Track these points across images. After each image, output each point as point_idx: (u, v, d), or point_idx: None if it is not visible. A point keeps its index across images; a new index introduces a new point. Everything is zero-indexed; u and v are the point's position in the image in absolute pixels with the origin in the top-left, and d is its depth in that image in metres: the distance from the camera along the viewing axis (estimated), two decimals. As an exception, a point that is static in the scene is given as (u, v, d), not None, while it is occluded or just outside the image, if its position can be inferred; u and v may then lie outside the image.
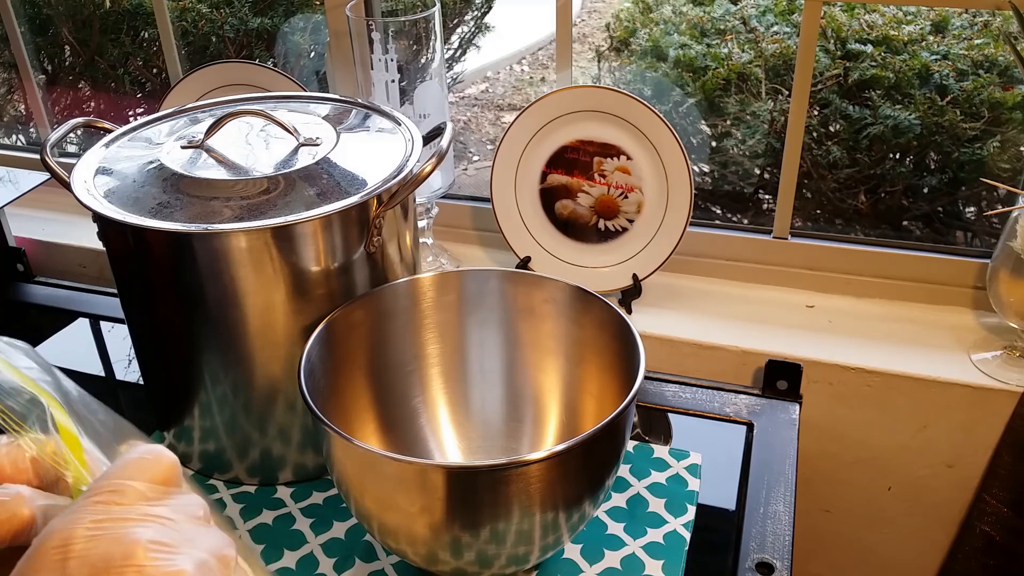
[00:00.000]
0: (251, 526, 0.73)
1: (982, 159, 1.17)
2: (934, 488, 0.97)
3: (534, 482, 0.57)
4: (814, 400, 0.93)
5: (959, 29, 1.25)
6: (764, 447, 0.81)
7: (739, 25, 1.34)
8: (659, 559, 0.69)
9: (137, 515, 0.33)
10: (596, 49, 1.71)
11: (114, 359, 0.98)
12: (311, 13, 1.61)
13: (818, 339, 0.97)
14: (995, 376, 0.90)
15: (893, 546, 1.03)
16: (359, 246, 0.69)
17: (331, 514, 0.74)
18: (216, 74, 1.11)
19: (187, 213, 0.65)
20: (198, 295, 0.68)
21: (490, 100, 3.16)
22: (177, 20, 1.51)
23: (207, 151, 0.72)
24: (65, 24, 1.64)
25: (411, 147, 0.72)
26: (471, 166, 2.71)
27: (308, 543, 0.71)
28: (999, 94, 1.15)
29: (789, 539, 0.71)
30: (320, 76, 1.62)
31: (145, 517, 0.33)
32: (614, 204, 1.02)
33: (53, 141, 0.74)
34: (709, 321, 1.01)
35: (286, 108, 0.80)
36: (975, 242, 1.30)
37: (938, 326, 0.98)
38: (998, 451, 0.92)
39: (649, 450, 0.80)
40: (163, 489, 0.35)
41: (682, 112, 1.34)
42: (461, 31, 2.18)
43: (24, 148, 1.62)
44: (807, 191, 1.30)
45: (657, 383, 0.90)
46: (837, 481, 1.01)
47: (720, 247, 1.06)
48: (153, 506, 0.34)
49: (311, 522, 0.73)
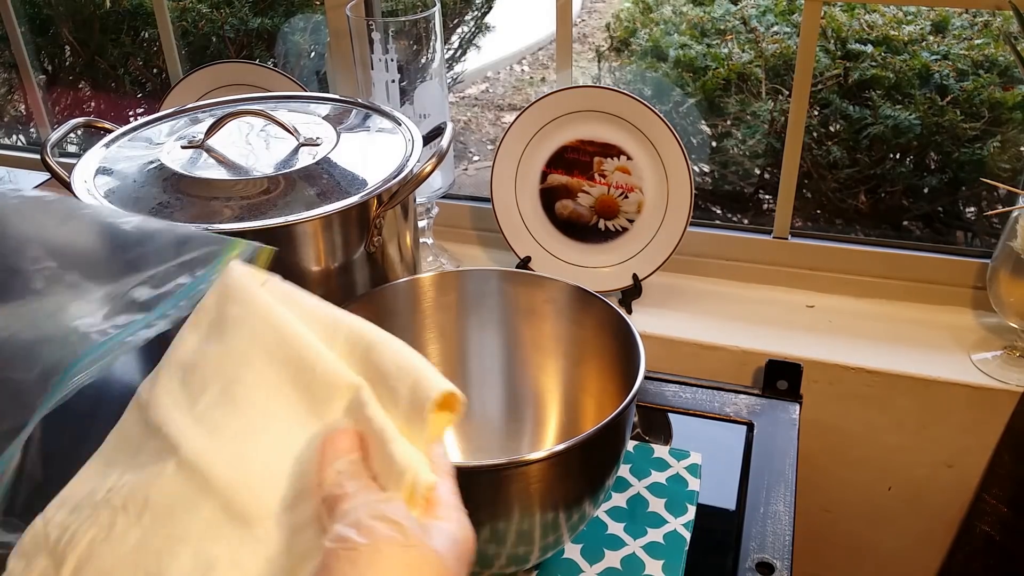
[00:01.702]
0: (251, 526, 0.73)
1: (982, 159, 1.17)
2: (934, 488, 0.97)
3: (534, 482, 0.57)
4: (814, 400, 0.93)
5: (959, 29, 1.25)
6: (764, 447, 0.81)
7: (739, 25, 1.34)
8: (659, 559, 0.69)
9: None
10: (596, 49, 1.71)
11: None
12: (311, 13, 1.61)
13: (818, 339, 0.97)
14: (995, 376, 0.90)
15: (893, 546, 1.03)
16: (359, 246, 0.69)
17: (331, 514, 0.74)
18: (216, 74, 1.11)
19: (187, 213, 0.65)
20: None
21: (490, 100, 3.16)
22: (177, 20, 1.52)
23: (207, 151, 0.72)
24: (65, 24, 1.64)
25: (411, 147, 0.72)
26: (471, 166, 2.71)
27: (308, 543, 0.71)
28: (999, 94, 1.15)
29: (789, 539, 0.71)
30: (320, 76, 1.62)
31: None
32: (614, 204, 1.02)
33: (53, 141, 0.74)
34: (709, 321, 1.01)
35: (286, 108, 0.80)
36: (975, 242, 1.30)
37: (938, 326, 0.98)
38: (998, 451, 0.92)
39: (649, 450, 0.80)
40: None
41: (682, 112, 1.34)
42: (461, 31, 2.17)
43: (24, 148, 1.62)
44: (807, 191, 1.30)
45: (657, 383, 0.90)
46: (837, 481, 1.01)
47: (720, 247, 1.06)
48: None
49: (311, 522, 0.73)
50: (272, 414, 0.43)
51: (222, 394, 0.44)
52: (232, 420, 0.43)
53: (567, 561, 0.69)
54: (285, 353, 0.44)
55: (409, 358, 0.42)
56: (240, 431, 0.42)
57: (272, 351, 0.44)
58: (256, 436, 0.42)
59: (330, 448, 0.39)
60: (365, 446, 0.40)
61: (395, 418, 0.40)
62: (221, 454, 0.42)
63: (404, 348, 0.43)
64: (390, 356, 0.42)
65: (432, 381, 0.40)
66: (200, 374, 0.45)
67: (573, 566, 0.68)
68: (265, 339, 0.44)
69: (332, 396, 0.42)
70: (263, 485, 0.41)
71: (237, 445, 0.42)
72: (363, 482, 0.37)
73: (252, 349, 0.44)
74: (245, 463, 0.41)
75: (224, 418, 0.43)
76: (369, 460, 0.39)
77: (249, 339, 0.45)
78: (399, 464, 0.38)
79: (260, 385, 0.43)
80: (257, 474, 0.41)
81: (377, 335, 0.44)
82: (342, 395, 0.42)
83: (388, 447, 0.39)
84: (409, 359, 0.42)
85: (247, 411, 0.43)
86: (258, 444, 0.42)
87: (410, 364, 0.42)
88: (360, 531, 0.34)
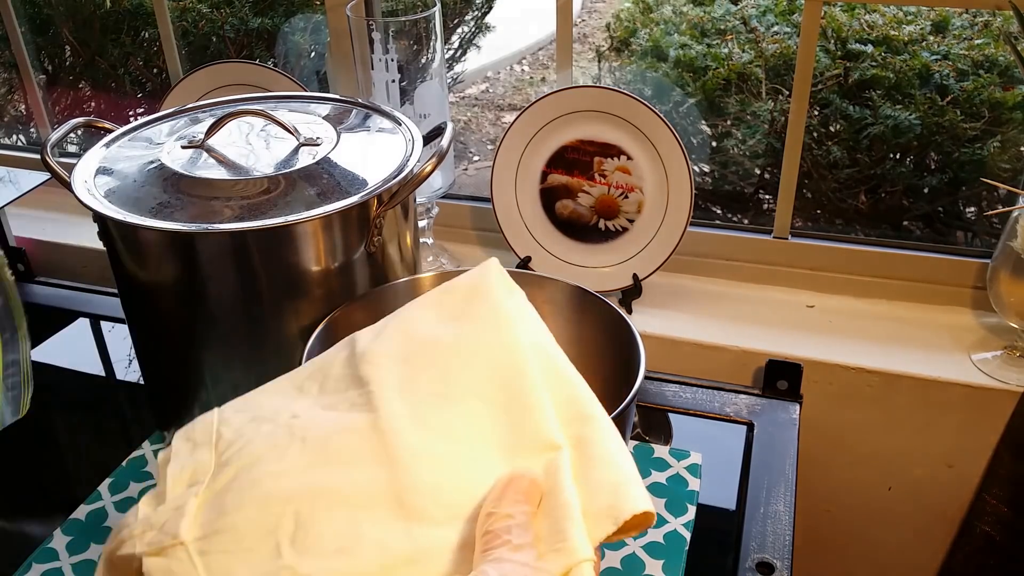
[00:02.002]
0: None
1: (982, 159, 1.17)
2: (934, 488, 0.97)
3: (534, 482, 0.57)
4: (814, 400, 0.93)
5: (959, 29, 1.25)
6: (764, 447, 0.81)
7: (739, 25, 1.34)
8: (659, 559, 0.69)
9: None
10: (596, 49, 1.71)
11: (114, 359, 0.98)
12: (311, 13, 1.61)
13: (818, 339, 0.97)
14: (995, 376, 0.90)
15: (893, 546, 1.03)
16: (359, 246, 0.69)
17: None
18: (216, 74, 1.11)
19: (187, 213, 0.65)
20: (198, 295, 0.68)
21: (490, 100, 3.16)
22: (177, 20, 1.52)
23: (207, 151, 0.72)
24: (65, 24, 1.64)
25: (411, 147, 0.72)
26: (471, 166, 2.71)
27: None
28: (999, 94, 1.15)
29: (789, 539, 0.71)
30: (320, 76, 1.62)
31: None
32: (614, 204, 1.02)
33: (53, 141, 0.74)
34: (709, 321, 1.01)
35: (286, 108, 0.80)
36: (975, 242, 1.30)
37: (938, 326, 0.98)
38: (998, 451, 0.92)
39: (649, 450, 0.80)
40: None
41: (682, 112, 1.34)
42: (461, 31, 2.18)
43: (24, 148, 1.62)
44: (807, 191, 1.30)
45: (657, 383, 0.90)
46: (837, 481, 1.01)
47: (720, 247, 1.06)
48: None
49: (311, 522, 0.73)
50: (476, 428, 0.42)
51: (438, 384, 0.44)
52: (436, 413, 0.43)
53: (567, 561, 0.69)
54: (509, 379, 0.44)
55: (622, 457, 0.41)
56: (439, 428, 0.42)
57: (497, 370, 0.44)
58: (453, 441, 0.42)
59: (513, 488, 0.39)
60: (541, 504, 0.39)
61: (583, 502, 0.39)
62: (415, 440, 0.42)
63: (618, 440, 0.43)
64: (603, 443, 0.42)
65: (637, 493, 0.39)
66: (425, 355, 0.46)
67: (573, 566, 0.68)
68: (497, 355, 0.45)
69: (534, 445, 0.42)
70: (439, 490, 0.40)
71: (433, 440, 0.42)
72: (528, 540, 0.37)
73: (481, 358, 0.45)
74: (433, 460, 0.41)
75: (430, 407, 0.43)
76: (538, 518, 0.39)
77: (483, 346, 0.45)
78: (570, 545, 0.37)
79: (476, 396, 0.44)
80: (438, 477, 0.41)
81: (597, 410, 0.44)
82: (544, 449, 0.41)
83: (566, 524, 0.38)
84: (622, 458, 0.41)
85: (455, 413, 0.43)
86: (452, 449, 0.42)
87: (622, 463, 0.41)
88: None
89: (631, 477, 0.40)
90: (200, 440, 0.45)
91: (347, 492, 0.40)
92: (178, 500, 0.42)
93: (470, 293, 0.48)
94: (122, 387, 0.93)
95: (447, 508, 0.40)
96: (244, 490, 0.41)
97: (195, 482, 0.42)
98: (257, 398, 0.47)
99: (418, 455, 0.41)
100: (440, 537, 0.39)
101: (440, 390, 0.44)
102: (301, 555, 0.38)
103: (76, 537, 0.71)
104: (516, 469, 0.40)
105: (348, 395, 0.45)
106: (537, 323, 0.48)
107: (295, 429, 0.43)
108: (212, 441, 0.44)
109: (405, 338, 0.47)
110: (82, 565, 0.69)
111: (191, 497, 0.41)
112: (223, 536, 0.39)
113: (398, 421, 0.42)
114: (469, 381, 0.44)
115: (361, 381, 0.45)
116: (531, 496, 0.39)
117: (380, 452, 0.41)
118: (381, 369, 0.45)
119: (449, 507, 0.40)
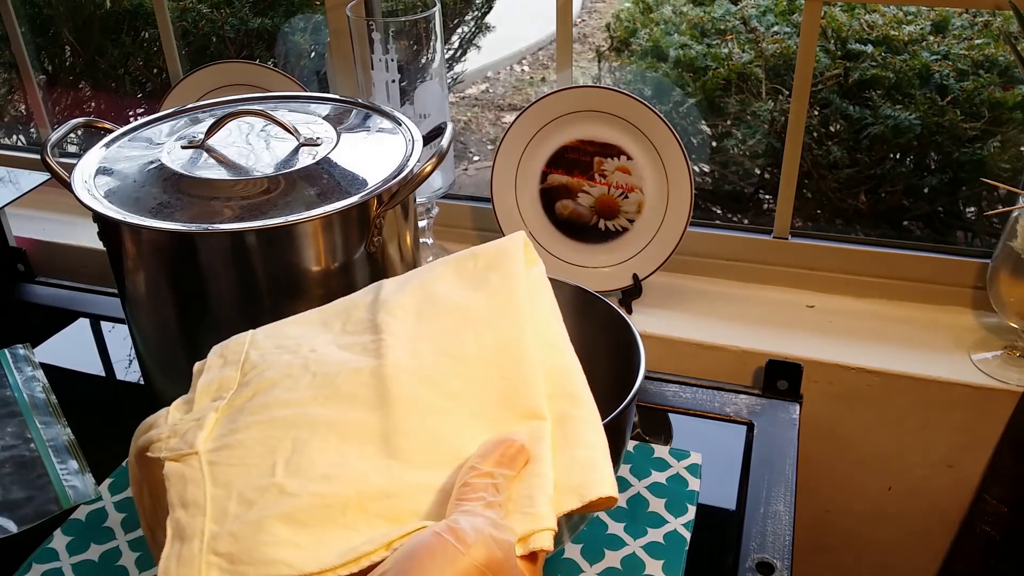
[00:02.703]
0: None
1: (982, 159, 1.17)
2: (934, 488, 0.97)
3: (534, 482, 0.57)
4: (814, 400, 0.93)
5: (959, 29, 1.25)
6: (764, 447, 0.81)
7: (739, 25, 1.34)
8: (659, 559, 0.69)
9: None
10: (596, 49, 1.71)
11: (114, 359, 0.98)
12: (311, 13, 1.61)
13: (818, 339, 0.97)
14: (995, 376, 0.90)
15: (893, 546, 1.03)
16: (359, 246, 0.69)
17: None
18: (216, 74, 1.11)
19: (187, 213, 0.65)
20: (198, 295, 0.68)
21: (490, 100, 3.16)
22: (177, 20, 1.52)
23: (207, 151, 0.72)
24: (65, 24, 1.64)
25: (411, 147, 0.72)
26: (471, 166, 2.71)
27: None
28: (999, 94, 1.15)
29: (789, 539, 0.71)
30: (320, 76, 1.62)
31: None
32: (614, 204, 1.02)
33: (54, 141, 0.74)
34: (709, 321, 1.01)
35: (286, 108, 0.80)
36: (975, 242, 1.30)
37: (938, 326, 0.98)
38: (998, 451, 0.92)
39: (649, 450, 0.80)
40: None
41: (682, 112, 1.34)
42: (461, 31, 2.18)
43: (24, 148, 1.62)
44: (807, 191, 1.30)
45: (657, 383, 0.90)
46: (837, 481, 1.01)
47: (720, 247, 1.06)
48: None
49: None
50: (469, 387, 0.46)
51: (443, 342, 0.48)
52: (437, 369, 0.47)
53: (567, 561, 0.69)
54: (509, 349, 0.47)
55: (599, 440, 0.45)
56: (436, 383, 0.46)
57: (500, 338, 0.47)
58: (446, 396, 0.46)
59: (501, 450, 0.42)
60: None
61: (556, 475, 0.42)
62: (411, 389, 0.45)
63: (598, 422, 0.46)
64: (584, 423, 0.45)
65: (606, 478, 0.43)
66: (437, 313, 0.49)
67: (573, 566, 0.68)
68: (502, 325, 0.48)
69: (521, 412, 0.45)
70: (423, 437, 0.44)
71: (427, 391, 0.46)
72: (500, 500, 0.40)
73: (488, 325, 0.48)
74: (423, 410, 0.45)
75: (432, 362, 0.47)
76: (514, 482, 0.41)
77: (492, 315, 0.49)
78: (537, 511, 0.40)
79: (475, 359, 0.47)
80: (425, 426, 0.44)
81: (584, 392, 0.47)
82: (529, 418, 0.45)
83: (538, 492, 0.41)
84: (598, 441, 0.44)
85: (453, 370, 0.46)
86: (443, 403, 0.45)
87: (598, 444, 0.44)
88: (478, 538, 0.37)
89: (603, 460, 0.44)
90: (230, 358, 0.50)
91: (342, 427, 0.44)
92: (201, 411, 0.47)
93: (492, 261, 0.51)
94: (122, 387, 0.93)
95: (427, 455, 0.43)
96: (256, 411, 0.46)
97: (219, 396, 0.48)
98: (286, 327, 0.52)
99: (410, 404, 0.45)
100: (417, 479, 0.42)
101: (444, 349, 0.48)
102: (291, 476, 0.42)
103: (76, 537, 0.71)
104: (509, 433, 0.43)
105: (363, 339, 0.49)
106: (549, 299, 0.51)
107: (310, 363, 0.48)
108: (240, 361, 0.49)
109: (424, 295, 0.51)
110: (82, 565, 0.69)
111: (211, 411, 0.47)
112: (231, 451, 0.44)
113: (400, 371, 0.46)
114: (471, 343, 0.48)
115: (377, 328, 0.49)
116: (516, 462, 0.42)
117: (378, 397, 0.45)
118: (396, 320, 0.49)
119: (430, 454, 0.43)
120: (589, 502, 0.42)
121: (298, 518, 0.41)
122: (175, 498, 0.43)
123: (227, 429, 0.46)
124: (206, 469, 0.44)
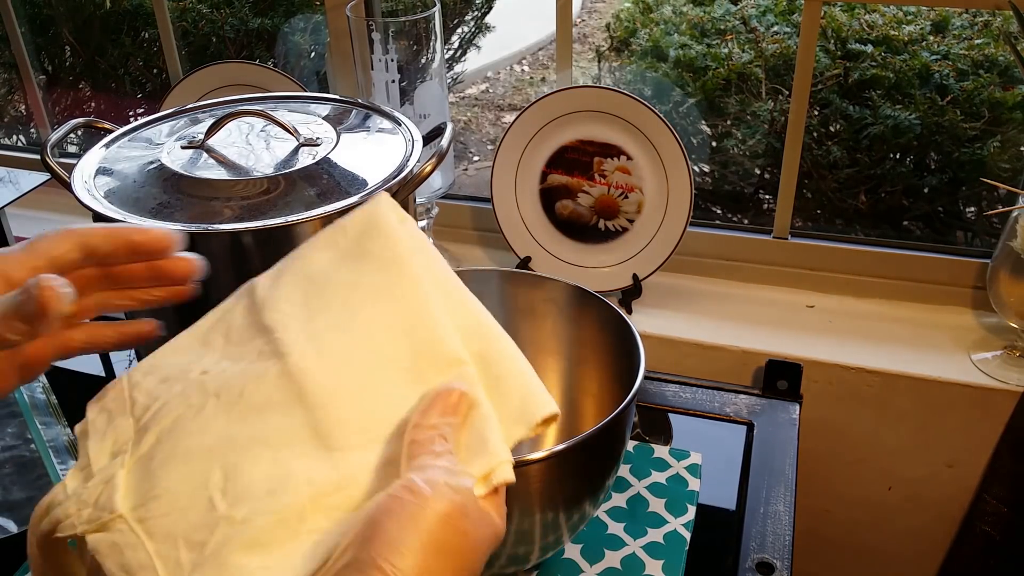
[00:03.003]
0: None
1: (982, 159, 1.17)
2: (934, 488, 0.97)
3: (534, 482, 0.57)
4: (814, 400, 0.94)
5: (959, 29, 1.25)
6: (764, 447, 0.81)
7: (739, 25, 1.34)
8: (659, 559, 0.69)
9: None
10: (596, 49, 1.71)
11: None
12: (311, 13, 1.61)
13: (818, 339, 0.97)
14: (995, 376, 0.90)
15: (893, 546, 1.03)
16: (359, 246, 0.69)
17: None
18: (216, 74, 1.11)
19: (187, 213, 0.65)
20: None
21: (490, 100, 3.16)
22: (177, 20, 1.52)
23: (207, 151, 0.72)
24: (65, 24, 1.64)
25: (411, 147, 0.72)
26: (471, 166, 2.72)
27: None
28: (999, 94, 1.15)
29: (789, 539, 0.71)
30: (320, 76, 1.62)
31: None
32: (614, 204, 1.02)
33: (53, 141, 0.74)
34: (709, 321, 1.01)
35: (286, 108, 0.80)
36: (975, 242, 1.30)
37: (938, 326, 0.98)
38: (998, 451, 0.92)
39: (649, 450, 0.80)
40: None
41: (682, 112, 1.34)
42: (461, 31, 2.18)
43: (24, 148, 1.62)
44: (807, 191, 1.30)
45: (657, 383, 0.90)
46: (837, 481, 1.01)
47: (720, 247, 1.06)
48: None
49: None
50: (382, 356, 0.44)
51: (341, 321, 0.46)
52: (344, 349, 0.45)
53: (567, 561, 0.69)
54: (408, 307, 0.46)
55: (524, 367, 0.45)
56: (348, 362, 0.44)
57: (397, 300, 0.46)
58: (361, 372, 0.44)
59: (441, 401, 0.41)
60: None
61: (496, 411, 0.43)
62: (325, 377, 0.43)
63: (517, 351, 0.46)
64: (505, 355, 0.45)
65: (543, 398, 0.43)
66: (325, 295, 0.47)
67: (573, 566, 0.68)
68: (395, 287, 0.46)
69: (441, 363, 0.44)
70: (354, 419, 0.42)
71: (342, 374, 0.44)
72: (449, 448, 0.40)
73: (380, 291, 0.46)
74: (344, 393, 0.43)
75: (336, 344, 0.45)
76: (460, 430, 0.41)
77: (382, 279, 0.47)
78: (490, 448, 0.41)
79: (379, 327, 0.45)
80: (352, 407, 0.43)
81: (495, 328, 0.47)
82: (450, 365, 0.44)
83: (485, 431, 0.41)
84: (524, 368, 0.45)
85: (360, 345, 0.45)
86: (361, 379, 0.44)
87: (525, 370, 0.45)
88: (434, 490, 0.37)
89: (535, 383, 0.44)
90: (115, 409, 0.46)
91: (267, 437, 0.42)
92: (105, 473, 0.42)
93: (364, 229, 0.49)
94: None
95: (364, 433, 0.42)
96: (168, 453, 0.42)
97: (118, 452, 0.43)
98: (163, 358, 0.48)
99: (329, 391, 0.43)
100: (362, 460, 0.41)
101: (342, 325, 0.45)
102: (235, 504, 0.40)
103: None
104: (444, 383, 0.43)
105: (255, 344, 0.46)
106: (432, 252, 0.49)
107: (207, 385, 0.44)
108: (127, 408, 0.45)
109: (305, 281, 0.48)
110: (82, 565, 0.69)
111: (118, 468, 0.42)
112: (158, 502, 0.41)
113: (306, 362, 0.44)
114: (370, 314, 0.46)
115: (266, 329, 0.46)
116: (458, 409, 0.41)
117: (293, 395, 0.43)
118: (283, 315, 0.47)
119: (366, 432, 0.42)
120: (536, 424, 0.42)
121: (259, 541, 0.39)
122: (115, 569, 0.39)
123: (145, 481, 0.41)
124: (137, 528, 0.40)
